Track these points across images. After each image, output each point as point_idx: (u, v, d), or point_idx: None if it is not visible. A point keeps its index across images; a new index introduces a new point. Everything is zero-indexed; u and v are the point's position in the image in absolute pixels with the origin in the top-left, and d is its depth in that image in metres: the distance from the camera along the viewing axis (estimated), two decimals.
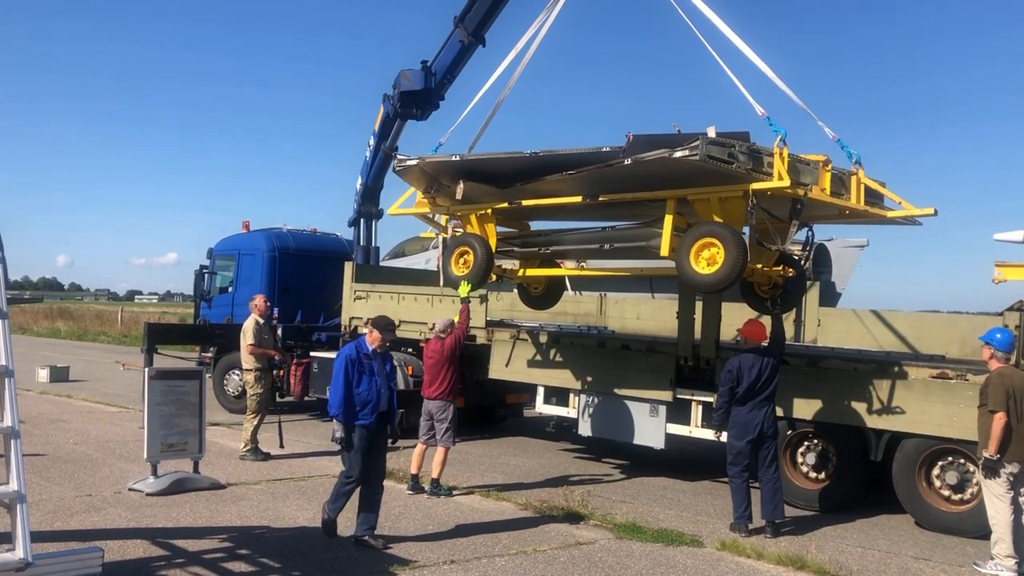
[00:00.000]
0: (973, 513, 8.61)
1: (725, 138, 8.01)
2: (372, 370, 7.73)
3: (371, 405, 7.65)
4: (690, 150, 7.86)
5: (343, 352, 7.84)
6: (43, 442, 11.93)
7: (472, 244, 10.26)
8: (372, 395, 7.66)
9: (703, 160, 7.81)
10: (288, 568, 6.80)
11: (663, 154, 8.11)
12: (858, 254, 17.15)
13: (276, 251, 16.80)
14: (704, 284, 8.48)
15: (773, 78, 8.82)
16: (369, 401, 7.64)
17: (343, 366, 7.62)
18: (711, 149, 7.83)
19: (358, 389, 7.63)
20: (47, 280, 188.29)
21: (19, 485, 4.75)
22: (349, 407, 7.57)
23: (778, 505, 8.72)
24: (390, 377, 7.91)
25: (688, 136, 8.08)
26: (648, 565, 7.32)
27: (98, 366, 24.67)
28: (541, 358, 12.27)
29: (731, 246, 8.11)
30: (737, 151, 7.99)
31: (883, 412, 9.16)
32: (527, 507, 9.16)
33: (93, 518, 8.13)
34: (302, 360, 15.11)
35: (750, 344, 8.90)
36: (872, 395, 9.23)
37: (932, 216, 8.88)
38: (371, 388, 7.67)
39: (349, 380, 7.59)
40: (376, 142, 16.68)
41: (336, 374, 7.64)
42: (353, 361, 7.66)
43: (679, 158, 7.96)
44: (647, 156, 8.27)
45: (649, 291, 16.26)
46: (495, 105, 11.10)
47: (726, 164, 7.94)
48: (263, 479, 10.15)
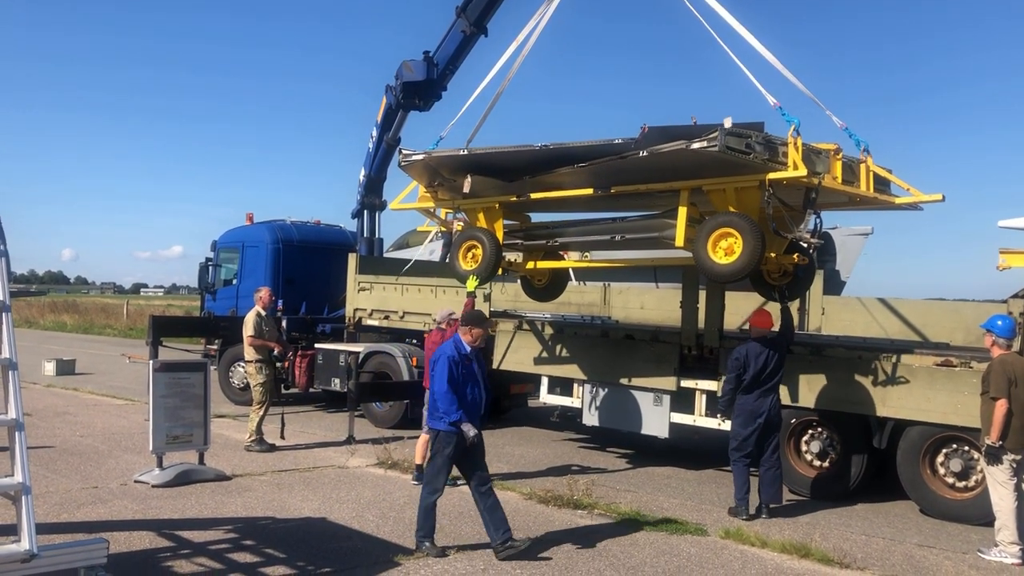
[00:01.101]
0: (977, 500, 8.60)
1: (741, 129, 8.03)
2: (473, 373, 7.23)
3: (477, 409, 7.19)
4: (708, 141, 7.90)
5: (445, 354, 7.14)
6: (49, 434, 11.99)
7: (481, 238, 10.26)
8: (477, 399, 7.21)
9: (722, 151, 7.84)
10: (293, 558, 6.83)
11: (680, 145, 8.14)
12: (862, 242, 17.10)
13: (280, 243, 16.81)
14: (723, 274, 8.51)
15: (780, 68, 8.83)
16: (476, 404, 7.18)
17: (448, 368, 7.04)
18: (729, 140, 7.87)
19: (463, 393, 7.12)
20: (53, 274, 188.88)
21: (24, 477, 4.78)
22: (462, 408, 7.03)
23: (777, 491, 8.83)
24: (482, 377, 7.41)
25: (704, 127, 8.11)
26: (652, 554, 7.34)
27: (104, 359, 24.75)
28: (545, 348, 12.28)
29: (749, 236, 8.14)
30: (754, 141, 8.03)
31: (887, 400, 9.15)
32: (532, 496, 9.18)
33: (99, 510, 8.16)
34: (307, 352, 15.15)
35: (758, 333, 8.97)
36: (876, 383, 9.22)
37: (940, 202, 8.92)
38: (475, 392, 7.19)
39: (456, 382, 7.06)
40: (379, 133, 16.67)
41: (441, 378, 7.05)
42: (456, 363, 7.10)
43: (697, 149, 7.99)
44: (664, 148, 8.30)
45: (653, 280, 16.26)
46: (494, 98, 11.08)
47: (744, 154, 7.99)
48: (268, 470, 10.18)
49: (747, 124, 8.13)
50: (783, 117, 8.23)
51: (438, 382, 7.09)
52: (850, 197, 9.03)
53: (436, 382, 7.14)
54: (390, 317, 14.84)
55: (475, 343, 7.36)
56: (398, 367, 13.85)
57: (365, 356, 14.23)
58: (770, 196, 8.22)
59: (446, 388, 7.02)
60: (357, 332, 15.60)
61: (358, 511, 8.39)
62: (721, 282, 9.47)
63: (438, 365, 7.15)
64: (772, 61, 8.86)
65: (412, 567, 6.75)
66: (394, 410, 13.77)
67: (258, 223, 17.59)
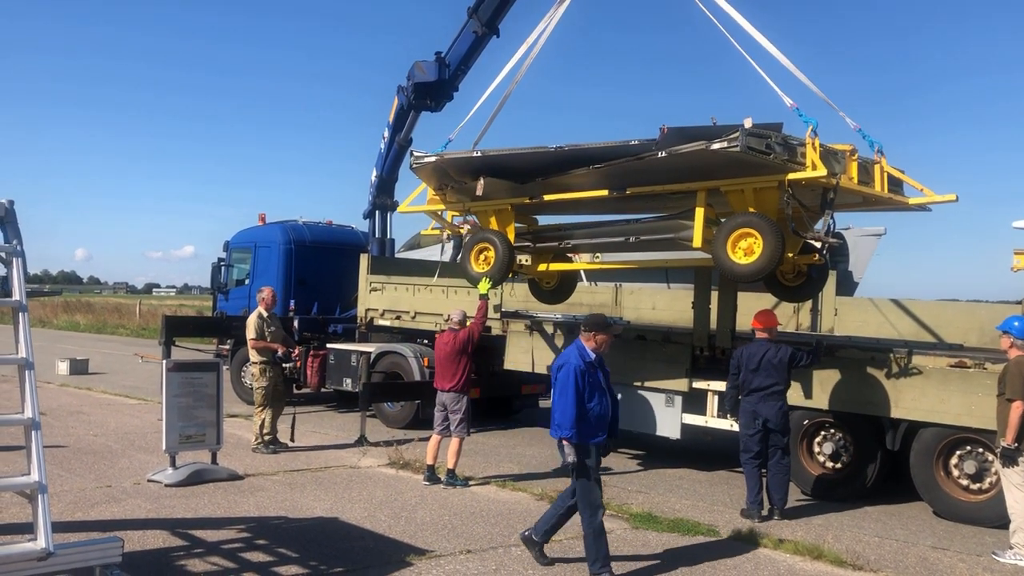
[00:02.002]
0: (992, 502, 8.54)
1: (761, 129, 8.04)
2: (599, 381, 6.77)
3: (605, 420, 6.78)
4: (729, 142, 7.92)
5: (570, 363, 6.66)
6: (64, 434, 12.06)
7: (493, 241, 10.25)
8: (605, 409, 6.77)
9: (743, 151, 7.85)
10: (305, 558, 6.85)
11: (700, 146, 8.15)
12: (875, 242, 17.05)
13: (292, 243, 16.86)
14: (743, 274, 8.51)
15: (794, 70, 8.83)
16: (603, 416, 6.75)
17: (573, 378, 6.57)
18: (750, 140, 7.89)
19: (590, 404, 6.63)
20: (66, 274, 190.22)
21: (40, 476, 4.81)
22: (582, 425, 6.57)
23: (783, 494, 8.78)
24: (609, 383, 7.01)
25: (724, 128, 8.12)
26: (664, 555, 7.32)
27: (117, 359, 24.89)
28: (556, 349, 12.27)
29: (769, 236, 8.16)
30: (773, 142, 8.05)
31: (900, 401, 9.11)
32: (543, 497, 9.17)
33: (113, 509, 8.21)
34: (319, 352, 15.18)
35: (758, 333, 9.02)
36: (889, 384, 9.18)
37: (953, 202, 8.92)
38: (603, 402, 6.75)
39: (581, 394, 6.59)
40: (391, 134, 16.72)
41: (565, 388, 6.57)
42: (583, 372, 6.64)
43: (717, 150, 8.01)
44: (683, 148, 8.32)
45: (665, 281, 16.23)
46: (502, 99, 11.06)
47: (764, 155, 8.01)
48: (280, 470, 10.21)
49: (766, 125, 8.13)
50: (800, 118, 8.24)
51: (559, 393, 6.59)
52: (864, 197, 9.04)
53: (557, 393, 6.63)
54: (401, 317, 14.88)
55: (599, 349, 6.82)
56: (409, 367, 13.87)
57: (377, 356, 14.26)
58: (789, 197, 8.23)
59: (568, 400, 6.52)
60: (369, 332, 15.64)
61: (370, 511, 8.40)
62: (741, 282, 9.47)
63: (561, 374, 6.66)
64: (785, 63, 8.86)
65: (424, 567, 6.75)
66: (405, 410, 13.78)
67: (270, 223, 17.66)
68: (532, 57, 10.81)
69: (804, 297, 10.50)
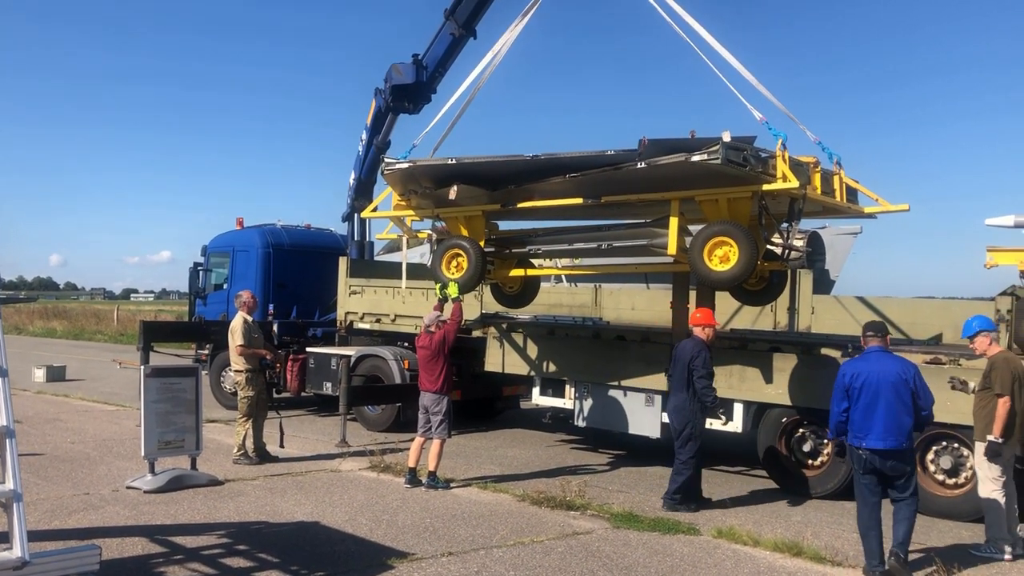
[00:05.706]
0: (967, 497, 8.66)
1: (738, 142, 8.29)
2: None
3: None
4: (709, 155, 8.16)
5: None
6: (40, 441, 11.94)
7: (466, 247, 10.24)
8: None
9: (723, 164, 8.10)
10: (287, 563, 6.82)
11: (680, 158, 8.38)
12: (852, 241, 17.23)
13: (270, 247, 16.77)
14: (719, 281, 8.83)
15: (757, 85, 9.19)
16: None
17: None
18: (729, 153, 8.14)
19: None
20: (42, 280, 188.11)
21: (15, 484, 4.77)
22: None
23: (673, 488, 9.02)
24: None
25: (702, 140, 8.39)
26: (645, 553, 7.36)
27: (95, 365, 24.65)
28: (537, 350, 12.30)
29: (744, 244, 8.49)
30: (749, 155, 8.31)
31: None
32: (524, 498, 9.19)
33: (91, 516, 8.14)
34: (299, 356, 15.12)
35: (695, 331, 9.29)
36: None
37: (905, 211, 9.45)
38: None
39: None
40: (368, 136, 16.65)
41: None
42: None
43: (697, 162, 8.24)
44: (664, 160, 8.53)
45: (644, 282, 16.31)
46: (463, 105, 11.14)
47: (741, 167, 8.27)
48: (261, 475, 10.16)
49: (741, 138, 8.40)
50: (770, 132, 8.60)
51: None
52: (824, 206, 9.48)
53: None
54: (381, 320, 14.84)
55: None
56: (390, 370, 13.85)
57: (357, 360, 14.22)
58: (763, 207, 8.55)
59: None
60: (348, 336, 15.59)
61: (351, 515, 8.39)
62: (718, 289, 9.63)
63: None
64: (748, 77, 9.21)
65: (405, 570, 6.75)
66: (386, 413, 13.76)
67: (248, 227, 17.56)
68: (496, 64, 10.95)
69: (765, 301, 10.91)
